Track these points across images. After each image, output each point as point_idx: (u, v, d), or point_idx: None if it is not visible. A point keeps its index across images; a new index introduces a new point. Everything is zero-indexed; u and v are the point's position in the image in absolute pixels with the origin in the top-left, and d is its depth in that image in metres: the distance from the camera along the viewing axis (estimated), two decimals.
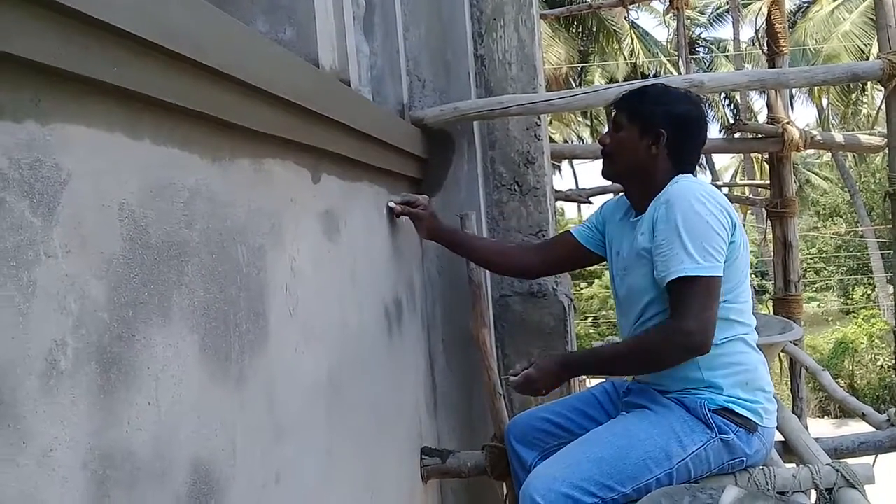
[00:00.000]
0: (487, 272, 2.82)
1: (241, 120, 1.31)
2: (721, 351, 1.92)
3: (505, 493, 2.54)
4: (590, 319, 22.85)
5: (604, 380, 2.33)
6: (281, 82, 1.42)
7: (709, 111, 25.59)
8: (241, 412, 1.27)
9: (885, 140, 2.95)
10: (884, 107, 2.78)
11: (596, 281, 24.43)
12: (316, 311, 1.64)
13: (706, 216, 1.86)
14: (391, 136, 2.27)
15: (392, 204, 2.31)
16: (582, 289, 23.60)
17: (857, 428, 2.90)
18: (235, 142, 1.33)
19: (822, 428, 13.33)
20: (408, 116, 2.66)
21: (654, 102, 2.03)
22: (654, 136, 1.99)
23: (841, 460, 2.12)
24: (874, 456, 2.49)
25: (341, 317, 1.83)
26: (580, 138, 26.38)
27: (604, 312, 22.59)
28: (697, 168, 2.13)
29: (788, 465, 2.11)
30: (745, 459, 1.97)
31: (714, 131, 25.85)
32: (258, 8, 1.77)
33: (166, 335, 1.07)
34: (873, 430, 2.65)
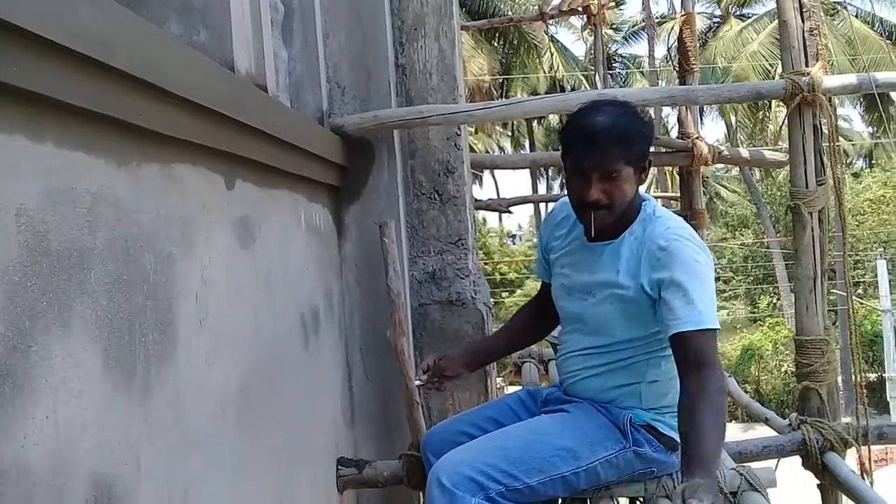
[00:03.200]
0: (406, 280, 2.82)
1: (149, 124, 1.28)
2: (663, 389, 1.98)
3: (422, 502, 2.54)
4: None
5: (519, 388, 2.36)
6: (192, 86, 1.39)
7: None
8: (147, 425, 1.23)
9: (788, 156, 3.08)
10: (787, 124, 2.91)
11: (518, 290, 24.73)
12: (228, 321, 1.61)
13: (706, 266, 1.87)
14: (309, 143, 2.25)
15: (419, 383, 2.30)
16: (503, 298, 23.85)
17: (763, 432, 3.02)
18: (144, 146, 1.30)
19: (729, 432, 13.80)
20: (327, 123, 2.64)
21: (641, 134, 1.91)
22: (642, 166, 1.93)
23: (745, 464, 2.21)
24: (776, 459, 2.60)
25: (255, 326, 1.80)
26: (501, 148, 26.72)
27: None
28: None
29: None
30: (655, 470, 2.02)
31: None
32: (171, 9, 1.72)
33: (66, 345, 1.03)
34: (776, 434, 2.76)
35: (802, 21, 2.83)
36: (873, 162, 30.05)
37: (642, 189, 2.05)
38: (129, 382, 1.19)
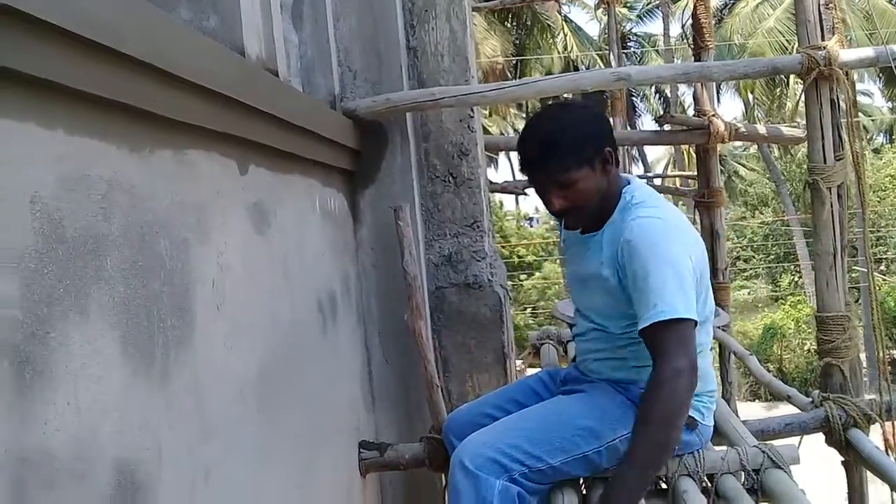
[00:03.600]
0: (422, 263, 2.82)
1: (161, 110, 1.28)
2: None
3: (444, 484, 2.55)
4: (529, 310, 23.12)
5: (539, 369, 2.36)
6: (203, 71, 1.38)
7: (641, 104, 26.14)
8: (167, 410, 1.24)
9: (806, 132, 3.04)
10: (803, 99, 2.87)
11: (536, 273, 24.71)
12: (245, 306, 1.61)
13: (668, 253, 1.81)
14: (322, 127, 2.24)
15: None
16: (522, 280, 23.84)
17: (787, 410, 3.00)
18: (156, 132, 1.29)
19: (752, 411, 13.75)
20: (339, 107, 2.63)
21: (585, 133, 1.91)
22: (603, 159, 1.91)
23: (767, 442, 2.19)
24: (799, 437, 2.58)
25: (273, 311, 1.80)
26: (516, 131, 26.58)
27: (542, 303, 22.89)
28: (630, 162, 2.11)
29: (718, 448, 2.16)
30: (677, 447, 2.01)
31: (648, 123, 26.42)
32: None
33: (84, 332, 1.04)
34: (799, 411, 2.74)
35: None
36: (894, 137, 29.62)
37: (659, 168, 2.04)
38: (149, 368, 1.20)
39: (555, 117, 1.97)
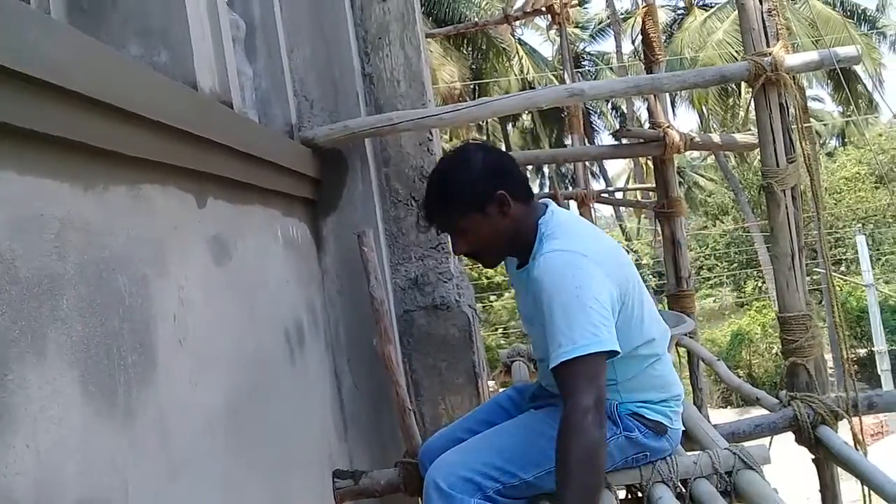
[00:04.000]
0: (389, 287, 2.82)
1: (114, 146, 1.27)
2: (634, 384, 1.97)
3: None
4: (500, 330, 23.12)
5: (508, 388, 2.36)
6: (155, 106, 1.38)
7: (598, 121, 26.49)
8: (132, 448, 1.22)
9: (758, 137, 3.10)
10: (753, 105, 2.93)
11: (506, 294, 24.76)
12: (209, 340, 1.59)
13: (571, 288, 1.76)
14: (280, 157, 2.24)
15: None
16: (492, 301, 23.86)
17: (758, 414, 3.04)
18: (110, 168, 1.29)
19: (725, 417, 13.85)
20: (297, 137, 2.63)
21: (469, 180, 1.91)
22: (498, 202, 1.89)
23: (738, 444, 2.21)
24: (770, 437, 2.61)
25: (238, 344, 1.79)
26: None
27: (513, 323, 22.91)
28: (590, 177, 2.11)
29: (690, 453, 2.18)
30: (649, 454, 2.02)
31: (607, 140, 26.78)
32: (130, 32, 1.71)
33: (42, 373, 1.02)
34: (768, 412, 2.77)
35: (761, 3, 2.86)
36: (846, 140, 30.36)
37: (620, 182, 2.07)
38: (111, 407, 1.18)
39: (442, 168, 2.01)
